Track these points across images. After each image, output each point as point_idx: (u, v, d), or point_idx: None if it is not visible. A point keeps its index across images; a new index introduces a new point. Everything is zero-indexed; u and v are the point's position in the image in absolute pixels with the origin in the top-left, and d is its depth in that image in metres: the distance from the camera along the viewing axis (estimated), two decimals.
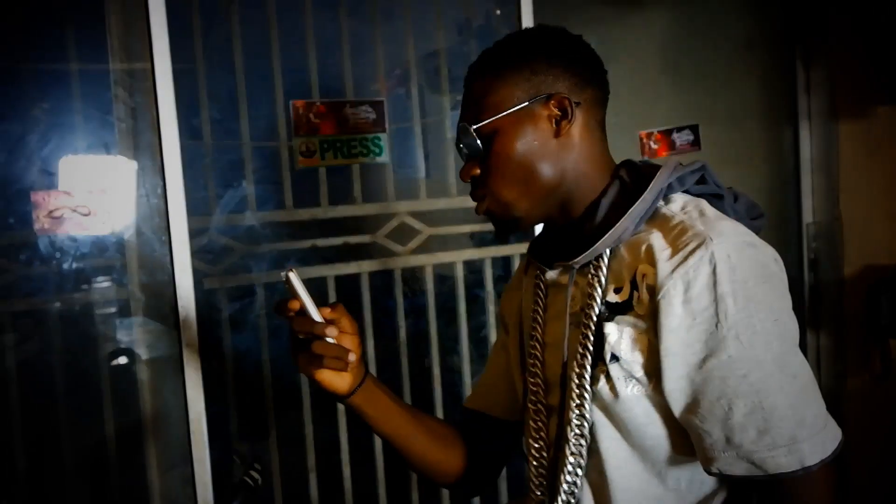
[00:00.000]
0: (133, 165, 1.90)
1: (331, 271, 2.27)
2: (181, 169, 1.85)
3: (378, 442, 2.32)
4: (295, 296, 1.10)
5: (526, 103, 1.12)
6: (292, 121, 2.18)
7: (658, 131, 2.61)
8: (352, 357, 1.11)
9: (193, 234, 1.99)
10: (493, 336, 2.52)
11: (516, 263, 2.53)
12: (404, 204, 2.36)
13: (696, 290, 0.98)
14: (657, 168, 1.15)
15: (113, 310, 1.94)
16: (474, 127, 1.13)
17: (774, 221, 2.92)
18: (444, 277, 2.51)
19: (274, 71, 2.18)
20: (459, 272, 2.46)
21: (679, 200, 1.11)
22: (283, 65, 2.19)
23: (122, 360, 1.95)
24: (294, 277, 1.09)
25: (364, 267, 2.31)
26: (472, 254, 2.48)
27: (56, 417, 1.91)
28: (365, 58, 2.32)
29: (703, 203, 1.10)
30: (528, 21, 2.37)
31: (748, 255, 1.00)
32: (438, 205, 2.43)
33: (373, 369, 2.32)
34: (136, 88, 1.88)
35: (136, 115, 1.88)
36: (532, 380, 1.22)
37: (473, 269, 2.51)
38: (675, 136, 2.61)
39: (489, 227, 2.46)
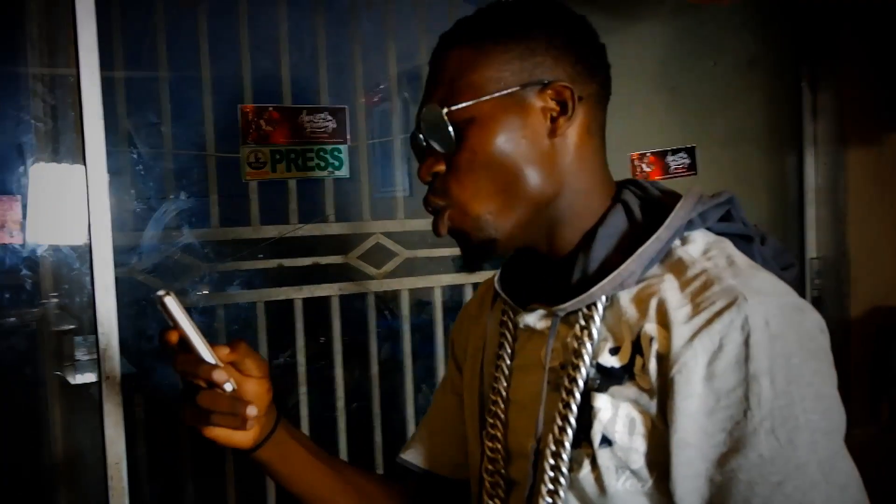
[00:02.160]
0: (51, 170, 1.72)
1: (299, 294, 2.13)
2: (107, 177, 1.63)
3: None
4: (175, 325, 0.87)
5: (516, 88, 0.88)
6: (240, 128, 2.00)
7: (651, 153, 2.46)
8: (251, 411, 0.87)
9: (143, 248, 1.86)
10: None
11: None
12: (380, 224, 2.23)
13: (721, 364, 0.78)
14: (673, 196, 0.93)
15: (21, 334, 1.76)
16: (445, 111, 0.89)
17: None
18: (421, 303, 2.38)
19: (243, 76, 2.06)
20: (438, 298, 2.32)
21: (700, 241, 0.89)
22: (248, 70, 2.06)
23: (31, 392, 1.76)
24: (172, 302, 0.86)
25: (335, 290, 2.18)
26: (453, 279, 2.34)
27: None
28: (336, 64, 2.19)
29: (729, 246, 0.90)
30: None
31: (793, 323, 0.80)
32: (417, 225, 2.28)
33: (342, 401, 2.18)
34: (58, 84, 1.70)
35: (56, 115, 1.71)
36: (490, 444, 0.98)
37: (453, 294, 2.38)
38: (669, 158, 2.47)
39: None
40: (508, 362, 0.99)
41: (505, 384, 0.98)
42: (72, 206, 1.62)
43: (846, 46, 2.67)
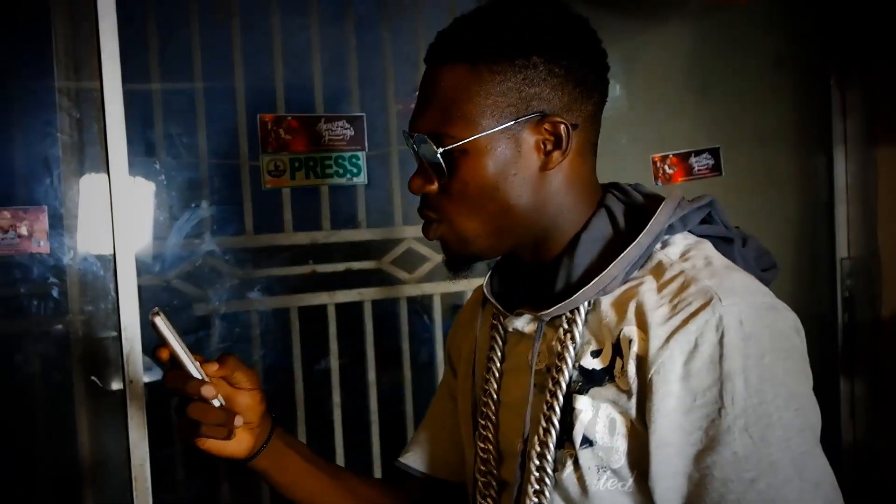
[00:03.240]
0: (76, 182, 1.75)
1: (331, 299, 2.15)
2: (129, 186, 1.66)
3: None
4: (164, 343, 0.92)
5: (511, 123, 0.89)
6: (259, 136, 2.02)
7: (674, 154, 2.44)
8: (238, 421, 0.91)
9: (179, 257, 1.90)
10: None
11: None
12: (412, 229, 2.24)
13: (697, 363, 0.80)
14: (655, 199, 0.94)
15: (49, 341, 1.78)
16: (441, 151, 0.90)
17: (805, 256, 2.77)
18: (454, 307, 2.37)
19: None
20: None
21: (680, 244, 0.92)
22: (280, 79, 2.10)
23: (58, 397, 1.79)
24: (161, 322, 0.90)
25: (367, 295, 2.20)
26: None
27: None
28: (368, 72, 2.21)
29: (709, 247, 0.92)
30: None
31: (766, 322, 0.82)
32: None
33: (375, 405, 2.20)
34: (83, 98, 1.74)
35: (81, 128, 1.74)
36: (482, 445, 1.00)
37: None
38: (692, 159, 2.44)
39: None
40: (499, 365, 1.01)
41: (496, 386, 1.01)
42: (103, 216, 1.67)
43: (875, 43, 2.64)
